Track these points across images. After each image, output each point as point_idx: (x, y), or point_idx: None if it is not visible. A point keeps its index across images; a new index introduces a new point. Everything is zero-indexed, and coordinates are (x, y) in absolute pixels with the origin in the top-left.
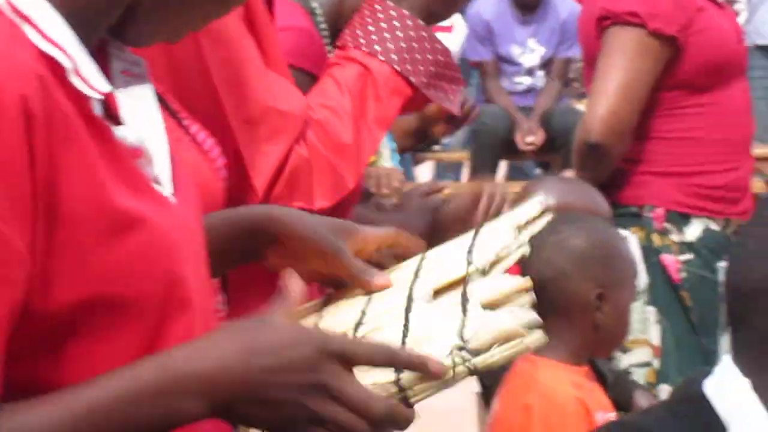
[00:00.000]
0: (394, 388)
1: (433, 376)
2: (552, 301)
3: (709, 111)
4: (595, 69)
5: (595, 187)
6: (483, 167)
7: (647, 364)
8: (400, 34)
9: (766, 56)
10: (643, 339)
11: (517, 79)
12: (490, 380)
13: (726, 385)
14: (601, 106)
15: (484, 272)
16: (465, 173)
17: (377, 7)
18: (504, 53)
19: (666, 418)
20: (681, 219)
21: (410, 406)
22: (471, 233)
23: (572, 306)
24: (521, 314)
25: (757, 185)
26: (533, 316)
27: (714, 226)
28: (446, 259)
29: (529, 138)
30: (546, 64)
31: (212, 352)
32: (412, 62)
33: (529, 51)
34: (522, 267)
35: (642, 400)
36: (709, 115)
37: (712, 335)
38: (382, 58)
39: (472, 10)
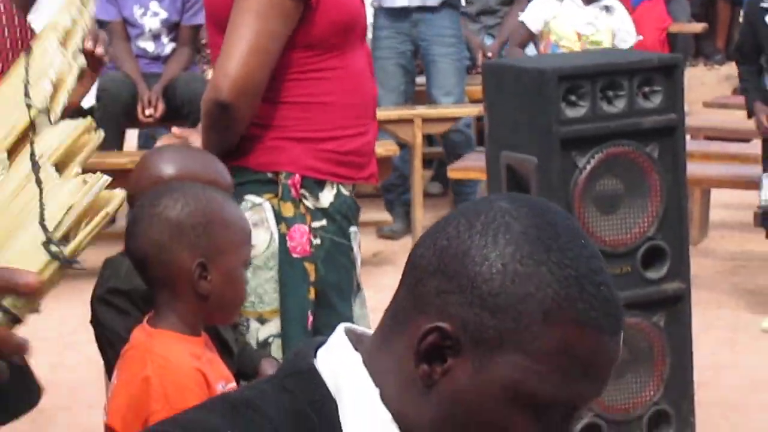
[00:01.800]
0: None
1: (30, 293)
2: (156, 274)
3: (339, 75)
4: (227, 28)
5: (225, 150)
6: (109, 136)
7: (280, 335)
8: None
9: (391, 18)
10: (278, 309)
11: (142, 43)
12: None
13: (336, 358)
14: (231, 65)
15: (47, 111)
16: None
17: None
18: (128, 15)
19: (273, 391)
20: (316, 185)
21: (21, 321)
22: (23, 64)
23: (174, 277)
24: (90, 180)
25: (390, 148)
26: (101, 179)
27: (345, 191)
28: (4, 102)
29: (149, 110)
30: (173, 29)
31: None
32: None
33: (152, 14)
34: (125, 240)
35: (269, 371)
36: (339, 79)
37: (347, 300)
38: None
39: None
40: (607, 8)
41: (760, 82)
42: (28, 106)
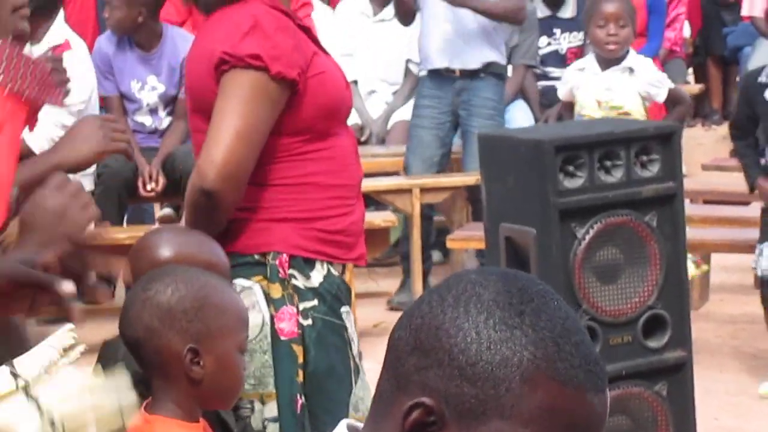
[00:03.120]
0: None
1: None
2: (149, 359)
3: (324, 156)
4: (212, 113)
5: (211, 236)
6: (108, 213)
7: (276, 419)
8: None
9: (436, 86)
10: (273, 392)
11: (140, 118)
12: None
13: None
14: (217, 151)
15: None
16: None
17: None
18: (125, 90)
19: None
20: (305, 264)
21: None
22: None
23: (167, 362)
24: None
25: (388, 219)
26: None
27: (334, 271)
28: None
29: (150, 185)
30: (170, 103)
31: None
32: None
33: (150, 88)
34: (119, 324)
35: None
36: (325, 160)
37: (343, 382)
38: None
39: (96, 45)
40: (630, 69)
41: (758, 153)
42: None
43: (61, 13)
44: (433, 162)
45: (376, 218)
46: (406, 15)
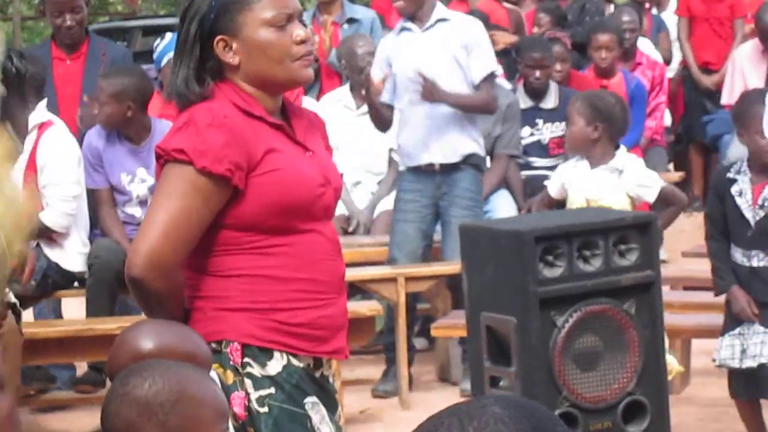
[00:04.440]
0: None
1: None
2: None
3: (284, 252)
4: None
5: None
6: (100, 303)
7: None
8: None
9: (416, 180)
10: None
11: (130, 209)
12: None
13: None
14: (144, 241)
15: None
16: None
17: None
18: (116, 182)
19: None
20: (261, 353)
21: None
22: None
23: None
24: None
25: (373, 308)
26: None
27: (297, 362)
28: None
29: None
30: None
31: None
32: None
33: (139, 180)
34: (101, 419)
35: None
36: (285, 255)
37: None
38: None
39: (86, 139)
40: (619, 171)
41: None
42: None
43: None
44: (417, 255)
45: (362, 307)
46: (382, 123)
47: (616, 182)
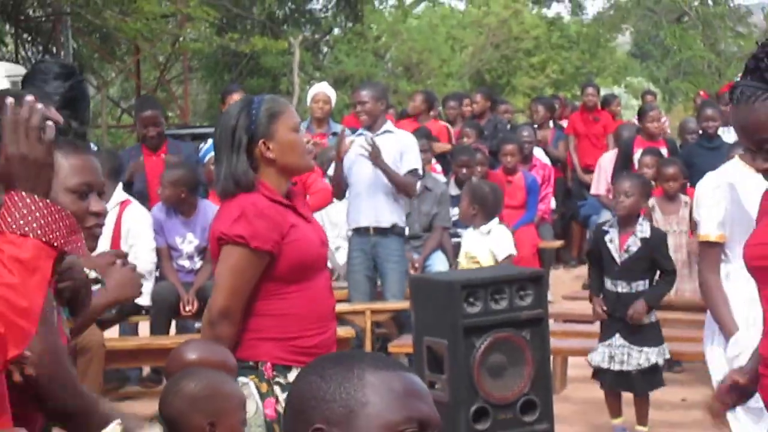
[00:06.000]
0: None
1: None
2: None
3: (302, 295)
4: (215, 273)
5: (226, 348)
6: (160, 326)
7: None
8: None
9: (359, 241)
10: None
11: (181, 261)
12: None
13: None
14: (217, 300)
15: None
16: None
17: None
18: (171, 242)
19: None
20: (284, 369)
21: None
22: None
23: None
24: None
25: (349, 332)
26: None
27: None
28: None
29: (188, 307)
30: (202, 252)
31: None
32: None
33: (188, 241)
34: (159, 407)
35: None
36: (302, 297)
37: None
38: (31, 235)
39: (152, 212)
40: (488, 232)
41: (598, 281)
42: None
43: (120, 185)
44: (367, 295)
45: (341, 331)
46: (339, 191)
47: (484, 241)
